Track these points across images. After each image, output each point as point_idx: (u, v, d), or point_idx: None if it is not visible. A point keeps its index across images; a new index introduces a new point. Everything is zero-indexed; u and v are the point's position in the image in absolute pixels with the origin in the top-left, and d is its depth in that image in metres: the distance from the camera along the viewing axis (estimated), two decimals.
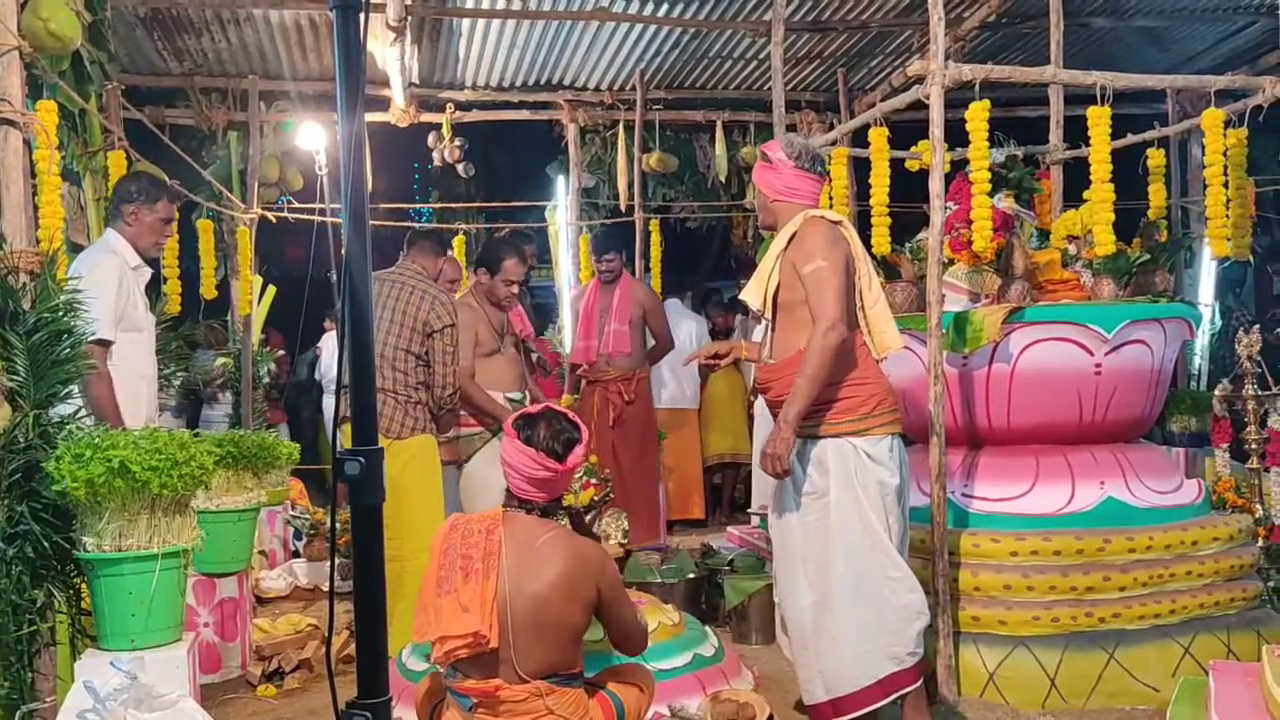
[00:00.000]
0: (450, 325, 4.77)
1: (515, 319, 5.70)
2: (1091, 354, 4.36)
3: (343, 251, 1.73)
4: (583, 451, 3.10)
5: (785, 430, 3.39)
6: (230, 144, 7.87)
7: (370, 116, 8.18)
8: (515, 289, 5.42)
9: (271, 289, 7.95)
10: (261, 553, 6.39)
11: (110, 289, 4.19)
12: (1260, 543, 4.77)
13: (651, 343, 6.89)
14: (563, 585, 2.96)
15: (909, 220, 5.66)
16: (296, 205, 8.07)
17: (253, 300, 7.43)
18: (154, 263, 4.68)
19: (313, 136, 7.91)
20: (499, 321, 5.47)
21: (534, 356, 6.64)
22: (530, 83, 8.56)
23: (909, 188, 5.56)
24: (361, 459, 1.68)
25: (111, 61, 5.40)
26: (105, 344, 4.13)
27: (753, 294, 3.67)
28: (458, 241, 8.46)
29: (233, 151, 7.84)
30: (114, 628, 3.33)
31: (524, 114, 8.71)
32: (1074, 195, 5.61)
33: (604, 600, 3.04)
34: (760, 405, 8.05)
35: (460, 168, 8.58)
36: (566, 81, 8.58)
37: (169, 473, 3.26)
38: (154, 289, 4.96)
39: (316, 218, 7.94)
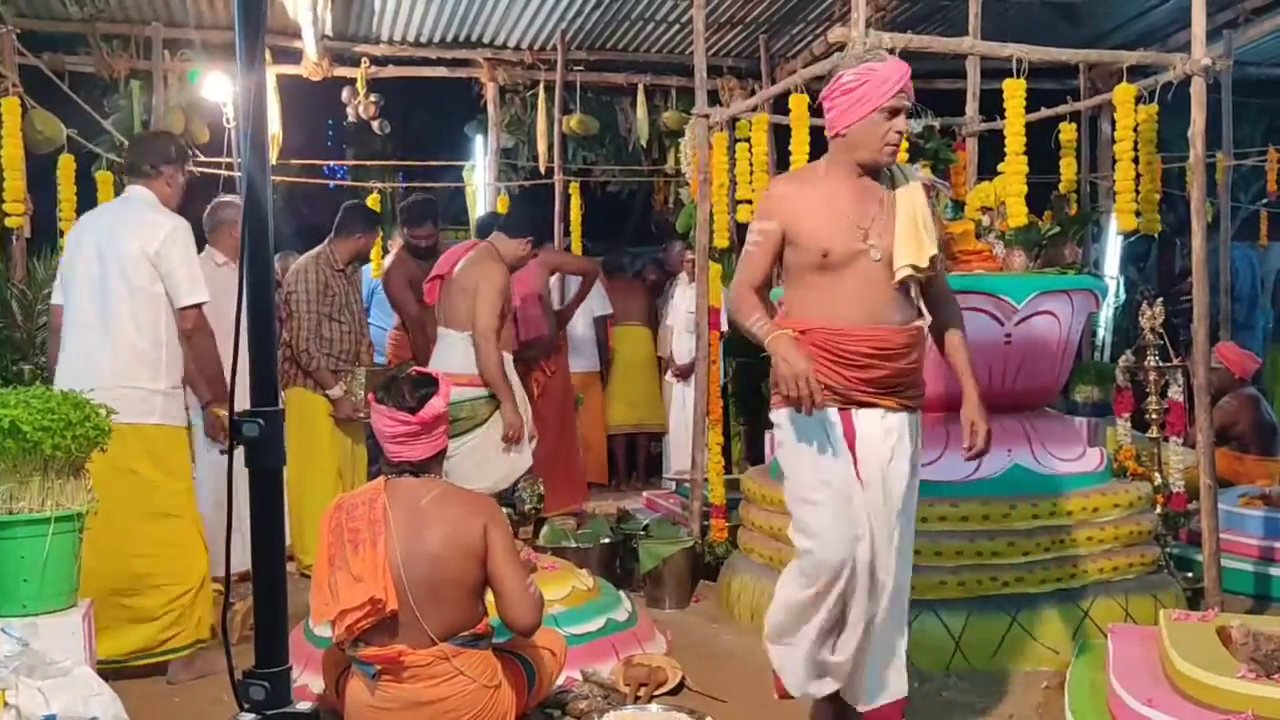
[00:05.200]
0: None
1: None
2: (1002, 324, 4.43)
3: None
4: (440, 404, 3.07)
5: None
6: (133, 93, 7.55)
7: (281, 69, 7.95)
8: None
9: None
10: None
11: (193, 250, 4.14)
12: (1158, 510, 4.91)
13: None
14: (454, 537, 2.96)
15: None
16: (203, 159, 7.80)
17: None
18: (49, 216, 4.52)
19: (219, 87, 7.63)
20: None
21: None
22: (449, 39, 8.37)
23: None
24: (260, 420, 1.61)
25: (5, 3, 5.16)
26: (201, 305, 4.13)
27: (923, 252, 3.08)
28: (373, 201, 8.28)
29: (135, 101, 7.53)
30: (5, 593, 3.22)
31: (442, 71, 8.53)
32: (988, 168, 5.68)
33: (491, 547, 2.98)
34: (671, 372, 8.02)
35: (376, 125, 8.38)
36: (486, 39, 8.42)
37: (62, 433, 3.15)
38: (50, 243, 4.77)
39: (224, 172, 7.69)
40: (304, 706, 1.65)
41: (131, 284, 4.00)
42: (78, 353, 4.03)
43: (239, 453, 1.68)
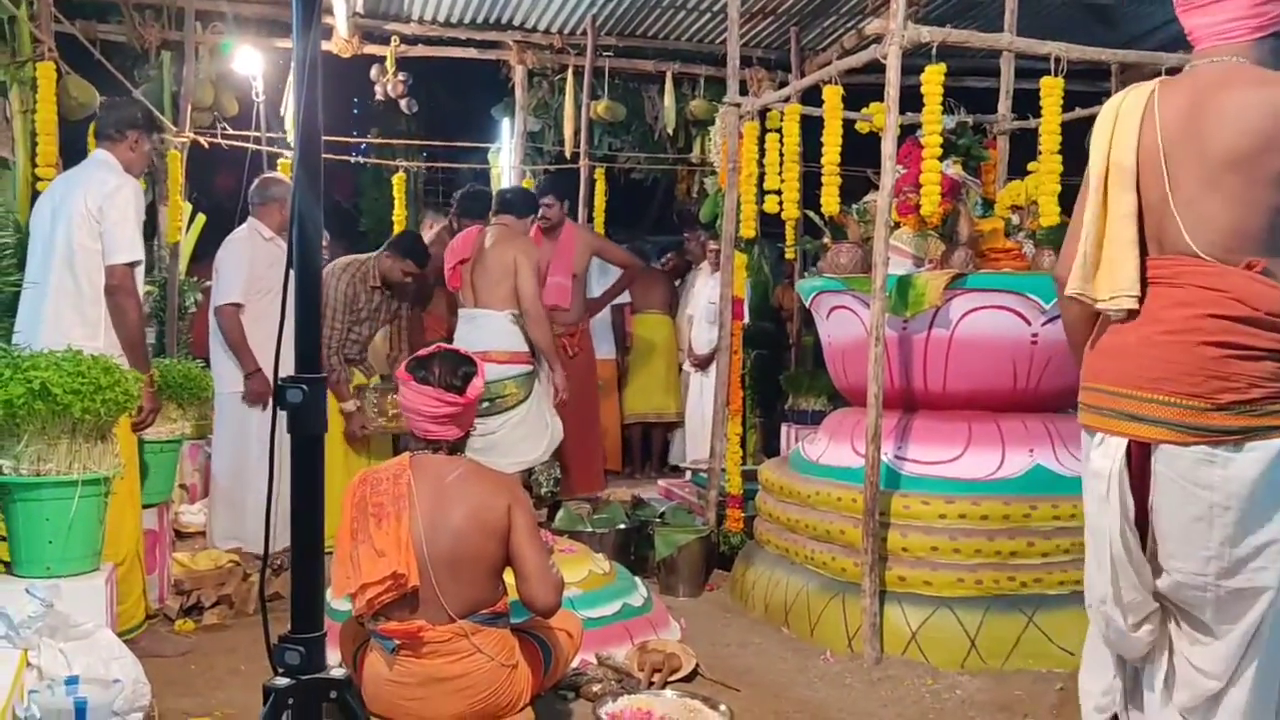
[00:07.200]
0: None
1: None
2: (1029, 323, 4.42)
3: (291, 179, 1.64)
4: (480, 383, 3.07)
5: None
6: (164, 64, 7.57)
7: None
8: None
9: (201, 217, 7.72)
10: (182, 486, 6.26)
11: (137, 210, 4.04)
12: None
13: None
14: (478, 515, 2.96)
15: (851, 184, 5.66)
16: (231, 132, 7.81)
17: (181, 227, 7.21)
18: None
19: (250, 61, 7.64)
20: None
21: None
22: (479, 20, 8.36)
23: (852, 151, 5.53)
24: (304, 386, 1.61)
25: None
26: (135, 265, 4.02)
27: None
28: (397, 180, 8.29)
29: (166, 72, 7.55)
30: (30, 554, 3.24)
31: (471, 52, 8.51)
32: (1018, 167, 5.65)
33: (514, 527, 2.99)
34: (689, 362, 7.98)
35: (403, 104, 8.38)
36: (516, 22, 8.40)
37: (92, 397, 3.17)
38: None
39: (251, 145, 7.70)
40: (338, 673, 1.66)
41: (74, 240, 3.95)
42: (26, 308, 4.04)
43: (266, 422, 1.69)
